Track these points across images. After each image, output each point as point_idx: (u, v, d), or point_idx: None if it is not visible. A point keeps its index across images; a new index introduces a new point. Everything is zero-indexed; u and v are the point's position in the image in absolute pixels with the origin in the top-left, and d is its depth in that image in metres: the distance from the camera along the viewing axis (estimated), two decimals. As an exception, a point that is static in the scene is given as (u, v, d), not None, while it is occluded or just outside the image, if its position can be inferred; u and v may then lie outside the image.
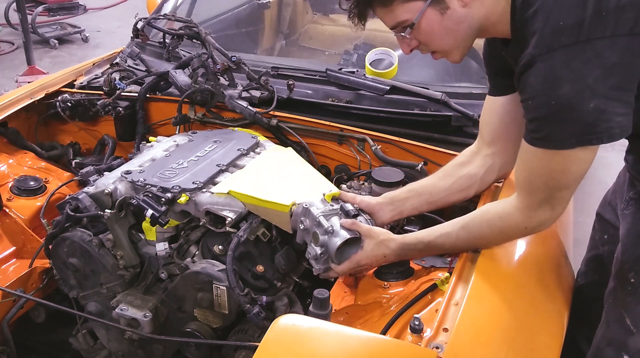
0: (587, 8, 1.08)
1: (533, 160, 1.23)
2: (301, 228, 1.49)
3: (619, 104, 1.10)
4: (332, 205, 1.50)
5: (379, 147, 1.91)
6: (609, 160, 4.19)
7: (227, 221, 1.52)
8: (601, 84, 1.08)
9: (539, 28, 1.12)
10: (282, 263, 1.57)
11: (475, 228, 1.35)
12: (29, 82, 3.77)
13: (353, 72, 2.12)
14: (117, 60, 2.48)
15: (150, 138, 1.97)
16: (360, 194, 1.66)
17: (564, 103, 1.10)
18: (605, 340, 1.40)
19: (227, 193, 1.56)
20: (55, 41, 6.82)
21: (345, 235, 1.42)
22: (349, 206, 1.47)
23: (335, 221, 1.45)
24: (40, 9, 6.93)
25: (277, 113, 2.04)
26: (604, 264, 1.59)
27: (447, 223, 1.41)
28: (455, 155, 1.64)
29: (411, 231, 1.61)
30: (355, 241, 1.44)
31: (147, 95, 2.21)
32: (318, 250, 1.43)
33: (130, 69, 2.39)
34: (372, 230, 1.44)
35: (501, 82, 1.46)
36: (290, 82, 2.10)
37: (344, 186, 1.78)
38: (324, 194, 1.52)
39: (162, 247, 1.59)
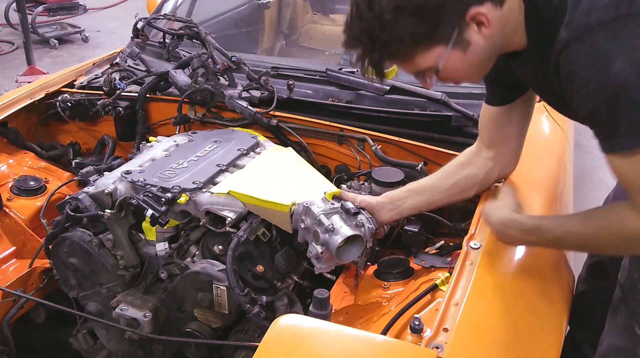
0: None
1: (626, 169, 1.07)
2: (302, 227, 1.49)
3: None
4: (333, 204, 1.50)
5: (379, 147, 1.91)
6: (609, 160, 4.20)
7: (227, 221, 1.52)
8: None
9: (568, 13, 1.03)
10: (282, 263, 1.57)
11: (595, 215, 1.20)
12: (29, 82, 3.77)
13: (353, 72, 2.11)
14: (117, 60, 2.49)
15: (150, 138, 1.97)
16: (360, 194, 1.66)
17: (623, 80, 0.98)
18: (615, 348, 1.38)
19: (227, 193, 1.56)
20: (55, 41, 6.82)
21: (346, 233, 1.42)
22: (349, 205, 1.47)
23: (336, 220, 1.44)
24: (40, 9, 6.93)
25: (277, 113, 2.04)
26: (606, 271, 1.58)
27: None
28: (455, 155, 1.63)
29: (411, 231, 1.61)
30: (356, 239, 1.43)
31: (147, 95, 2.21)
32: (319, 249, 1.43)
33: (130, 69, 2.39)
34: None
35: (498, 92, 1.44)
36: (290, 82, 2.10)
37: (344, 186, 1.78)
38: (325, 193, 1.52)
39: (162, 247, 1.59)
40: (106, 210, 1.57)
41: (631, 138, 1.01)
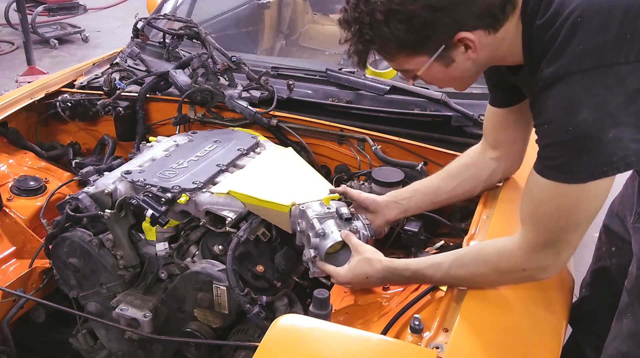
0: (609, 31, 1.02)
1: (542, 194, 1.14)
2: (298, 230, 1.49)
3: (636, 130, 1.02)
4: (329, 208, 1.49)
5: (379, 147, 1.91)
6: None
7: (227, 221, 1.52)
8: (622, 112, 1.01)
9: (557, 51, 1.06)
10: (282, 263, 1.57)
11: (470, 262, 1.24)
12: (29, 82, 3.77)
13: (353, 72, 2.11)
14: (117, 60, 2.49)
15: (150, 138, 1.97)
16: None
17: (583, 131, 1.02)
18: (620, 354, 1.37)
19: (227, 193, 1.56)
20: (55, 41, 6.83)
21: (335, 238, 1.41)
22: (343, 210, 1.46)
23: (330, 224, 1.44)
24: (40, 9, 6.94)
25: (277, 113, 2.04)
26: (612, 277, 1.57)
27: (440, 254, 1.31)
28: (456, 155, 1.64)
29: (411, 231, 1.61)
30: (347, 245, 1.42)
31: (147, 95, 2.21)
32: (312, 253, 1.43)
33: (130, 69, 2.39)
34: (361, 246, 1.37)
35: (501, 95, 1.44)
36: (290, 82, 2.10)
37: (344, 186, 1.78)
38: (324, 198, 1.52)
39: (162, 247, 1.59)
40: (106, 210, 1.57)
41: (565, 175, 1.08)
